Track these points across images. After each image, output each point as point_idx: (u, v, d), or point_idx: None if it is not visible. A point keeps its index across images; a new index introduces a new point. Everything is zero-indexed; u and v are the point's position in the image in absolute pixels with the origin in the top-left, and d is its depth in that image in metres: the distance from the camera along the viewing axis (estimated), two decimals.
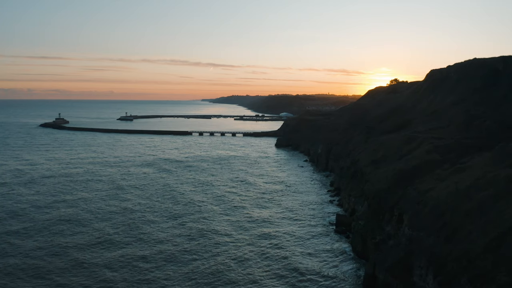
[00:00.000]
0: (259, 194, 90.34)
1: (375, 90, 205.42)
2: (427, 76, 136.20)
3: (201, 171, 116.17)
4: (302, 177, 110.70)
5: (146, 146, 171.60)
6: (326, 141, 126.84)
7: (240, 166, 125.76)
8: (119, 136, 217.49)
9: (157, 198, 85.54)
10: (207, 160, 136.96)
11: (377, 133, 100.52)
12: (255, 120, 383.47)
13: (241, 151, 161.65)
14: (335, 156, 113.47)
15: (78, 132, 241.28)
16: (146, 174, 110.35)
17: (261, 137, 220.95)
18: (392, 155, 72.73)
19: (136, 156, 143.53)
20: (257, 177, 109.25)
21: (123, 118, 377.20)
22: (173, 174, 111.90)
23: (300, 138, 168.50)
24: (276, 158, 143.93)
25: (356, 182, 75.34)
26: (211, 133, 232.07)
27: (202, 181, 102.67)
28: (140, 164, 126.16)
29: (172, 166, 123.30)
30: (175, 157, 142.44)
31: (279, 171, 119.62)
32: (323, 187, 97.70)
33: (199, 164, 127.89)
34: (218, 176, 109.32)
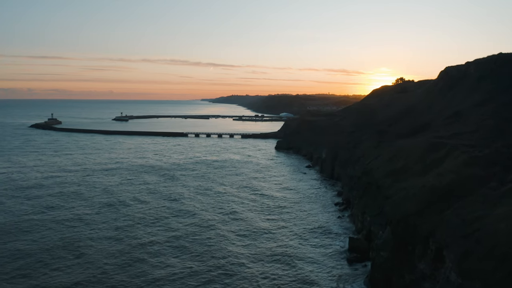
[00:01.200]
0: (257, 206, 78.54)
1: (381, 89, 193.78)
2: (441, 73, 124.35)
3: (189, 179, 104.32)
4: (305, 185, 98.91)
5: (135, 149, 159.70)
6: (331, 144, 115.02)
7: (236, 173, 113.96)
8: (109, 137, 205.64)
9: (140, 214, 73.75)
10: (199, 165, 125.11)
11: (390, 137, 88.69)
12: (254, 121, 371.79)
13: (238, 154, 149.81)
14: (342, 162, 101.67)
15: (68, 133, 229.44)
16: (121, 182, 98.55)
17: (260, 138, 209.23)
18: (415, 165, 60.91)
19: (121, 160, 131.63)
20: (254, 186, 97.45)
21: (118, 118, 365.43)
22: (152, 182, 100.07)
23: (302, 140, 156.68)
24: (276, 163, 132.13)
25: (371, 196, 63.51)
26: (208, 134, 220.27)
27: (187, 192, 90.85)
28: (119, 170, 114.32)
29: (155, 173, 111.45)
30: (163, 161, 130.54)
31: (280, 178, 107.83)
32: (330, 198, 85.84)
33: (188, 171, 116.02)
34: (208, 185, 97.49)
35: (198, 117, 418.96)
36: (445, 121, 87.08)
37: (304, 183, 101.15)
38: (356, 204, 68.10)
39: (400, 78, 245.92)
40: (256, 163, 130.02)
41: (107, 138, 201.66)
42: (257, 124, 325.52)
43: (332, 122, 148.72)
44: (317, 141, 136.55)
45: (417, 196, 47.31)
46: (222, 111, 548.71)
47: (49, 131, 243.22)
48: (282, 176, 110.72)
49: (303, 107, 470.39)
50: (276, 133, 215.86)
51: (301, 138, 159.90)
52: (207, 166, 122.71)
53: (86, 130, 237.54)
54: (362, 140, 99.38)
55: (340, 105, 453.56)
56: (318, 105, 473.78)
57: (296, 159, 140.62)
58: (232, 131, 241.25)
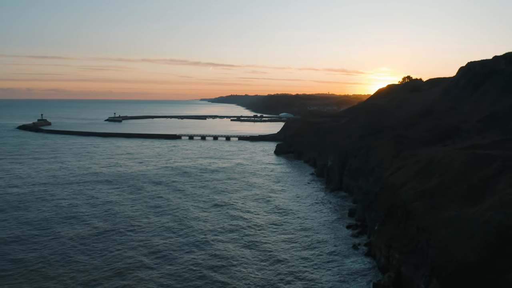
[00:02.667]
0: (251, 227, 64.64)
1: (388, 88, 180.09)
2: (462, 70, 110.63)
3: (171, 191, 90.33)
4: (310, 199, 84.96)
5: (118, 155, 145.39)
6: (338, 150, 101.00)
7: (229, 182, 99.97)
8: (97, 140, 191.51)
9: (116, 231, 59.80)
10: (188, 172, 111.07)
11: (411, 144, 74.76)
12: (253, 121, 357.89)
13: (233, 160, 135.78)
14: (352, 171, 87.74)
15: (54, 135, 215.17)
16: (95, 194, 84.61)
17: (258, 141, 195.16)
18: (456, 185, 46.99)
19: (94, 169, 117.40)
20: (249, 200, 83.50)
21: (111, 119, 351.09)
22: (124, 195, 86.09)
23: (304, 144, 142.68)
24: (275, 170, 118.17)
25: (398, 224, 49.56)
26: (203, 136, 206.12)
27: (168, 207, 76.88)
28: (86, 182, 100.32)
29: (133, 183, 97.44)
30: (143, 169, 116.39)
31: (279, 189, 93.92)
32: (340, 218, 71.74)
33: (172, 180, 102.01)
34: (193, 200, 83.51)
35: (195, 118, 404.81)
36: (477, 125, 73.30)
37: (308, 197, 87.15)
38: (377, 231, 54.05)
39: (407, 77, 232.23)
40: (252, 172, 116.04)
41: (92, 141, 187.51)
42: (256, 125, 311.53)
43: (337, 124, 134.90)
44: (321, 145, 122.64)
45: (477, 237, 33.39)
46: (220, 111, 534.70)
47: (34, 132, 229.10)
48: (281, 187, 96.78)
49: (303, 107, 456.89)
50: (276, 135, 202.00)
51: (303, 141, 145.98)
52: (194, 177, 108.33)
53: (72, 132, 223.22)
54: (375, 146, 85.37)
55: (341, 105, 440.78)
56: (319, 105, 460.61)
57: (297, 166, 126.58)
58: (229, 132, 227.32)
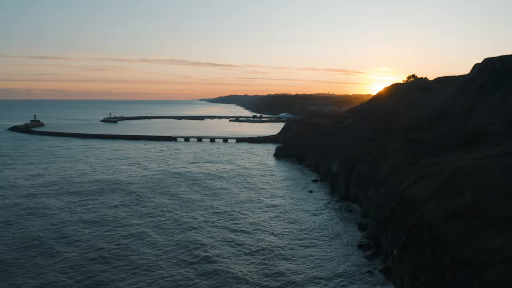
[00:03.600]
0: (246, 246, 55.81)
1: (395, 87, 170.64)
2: (478, 67, 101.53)
3: (154, 200, 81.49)
4: (313, 209, 76.06)
5: (107, 158, 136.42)
6: (343, 154, 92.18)
7: (223, 191, 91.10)
8: (88, 142, 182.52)
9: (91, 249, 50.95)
10: (178, 179, 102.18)
11: (430, 149, 65.83)
12: (252, 122, 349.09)
13: (231, 164, 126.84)
14: (360, 179, 78.87)
15: (44, 137, 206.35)
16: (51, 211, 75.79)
17: (257, 143, 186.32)
18: (498, 204, 38.14)
19: (78, 175, 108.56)
20: (245, 210, 74.63)
21: (107, 119, 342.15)
22: (90, 220, 77.26)
23: (305, 147, 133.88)
24: (275, 176, 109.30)
25: (425, 251, 40.68)
26: (199, 138, 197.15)
27: (140, 229, 68.04)
28: (66, 193, 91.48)
29: (115, 192, 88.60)
30: (131, 175, 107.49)
31: (279, 198, 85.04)
32: (349, 234, 62.83)
33: (158, 187, 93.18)
34: (178, 216, 74.65)
35: (193, 118, 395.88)
36: (505, 128, 64.41)
37: (311, 207, 78.24)
38: (397, 256, 45.17)
39: (412, 75, 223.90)
40: (250, 177, 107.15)
41: (85, 143, 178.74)
42: (255, 126, 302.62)
43: (341, 126, 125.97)
44: (324, 149, 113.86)
45: None
46: (218, 112, 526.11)
47: (24, 134, 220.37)
48: (281, 195, 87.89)
49: (303, 107, 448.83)
50: (275, 136, 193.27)
51: (304, 143, 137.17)
52: (185, 183, 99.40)
53: (63, 134, 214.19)
54: (387, 151, 76.55)
55: (341, 105, 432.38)
56: (319, 105, 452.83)
57: (299, 171, 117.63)
58: (227, 134, 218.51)
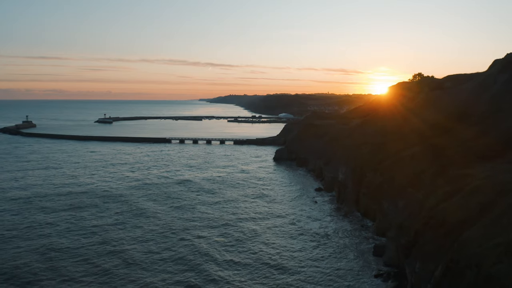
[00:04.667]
0: (242, 265, 46.10)
1: (403, 86, 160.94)
2: (499, 63, 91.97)
3: (134, 213, 71.70)
4: (319, 225, 66.28)
5: (95, 162, 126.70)
6: (351, 160, 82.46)
7: (215, 200, 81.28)
8: (77, 144, 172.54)
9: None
10: (166, 187, 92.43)
11: (456, 157, 56.06)
12: (251, 122, 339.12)
13: (226, 169, 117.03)
14: (373, 190, 69.07)
15: (33, 139, 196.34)
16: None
17: (256, 145, 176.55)
18: None
19: (55, 183, 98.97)
20: (241, 222, 64.86)
21: (101, 120, 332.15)
22: (61, 222, 67.49)
23: (307, 150, 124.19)
24: (275, 183, 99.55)
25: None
26: (195, 140, 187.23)
27: (113, 248, 58.27)
28: (50, 199, 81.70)
29: (93, 201, 78.85)
30: (109, 181, 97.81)
31: (279, 210, 75.24)
32: (364, 260, 52.84)
33: (141, 197, 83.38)
34: (162, 232, 64.88)
35: (190, 118, 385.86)
36: None
37: (316, 223, 68.47)
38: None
39: (418, 74, 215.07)
40: (247, 185, 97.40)
41: (70, 146, 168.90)
42: (254, 127, 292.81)
43: (347, 128, 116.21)
44: (328, 153, 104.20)
45: None
46: (217, 112, 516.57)
47: (13, 136, 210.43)
48: (282, 207, 78.12)
49: (303, 107, 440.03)
50: (275, 138, 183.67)
51: (306, 146, 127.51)
52: (172, 193, 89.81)
53: (53, 135, 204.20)
54: (403, 158, 66.81)
55: (342, 105, 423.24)
56: (319, 105, 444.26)
57: (300, 177, 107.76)
58: (224, 135, 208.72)
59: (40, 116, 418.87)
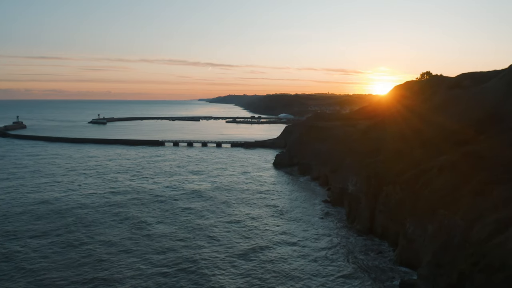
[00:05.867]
0: None
1: (413, 85, 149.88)
2: None
3: (112, 230, 60.70)
4: (327, 253, 55.15)
5: (76, 169, 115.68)
6: (363, 168, 71.23)
7: (206, 213, 70.18)
8: (65, 147, 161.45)
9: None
10: (151, 197, 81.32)
11: (501, 169, 44.94)
12: (250, 123, 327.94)
13: (221, 176, 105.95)
14: (392, 208, 57.91)
15: (19, 141, 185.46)
16: None
17: (254, 148, 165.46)
18: None
19: (43, 187, 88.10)
20: (233, 241, 53.79)
21: (95, 121, 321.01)
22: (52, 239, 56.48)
23: (311, 155, 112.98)
24: (275, 193, 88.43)
25: None
26: (189, 142, 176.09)
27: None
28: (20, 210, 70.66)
29: (63, 217, 67.83)
30: (87, 190, 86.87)
31: (280, 226, 64.16)
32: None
33: (121, 210, 72.29)
34: (147, 251, 53.82)
35: (188, 119, 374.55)
36: None
37: (324, 243, 57.43)
38: None
39: (427, 72, 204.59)
40: (242, 196, 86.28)
41: (60, 148, 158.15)
42: (253, 128, 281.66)
43: (354, 130, 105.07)
44: (335, 159, 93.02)
45: None
46: (215, 112, 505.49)
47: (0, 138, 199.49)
48: (283, 223, 67.02)
49: (303, 107, 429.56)
50: (275, 140, 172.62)
51: (309, 151, 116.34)
52: (157, 204, 78.78)
53: (41, 137, 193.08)
54: (429, 170, 55.60)
55: (343, 105, 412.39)
56: (320, 105, 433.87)
57: (304, 186, 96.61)
58: (221, 137, 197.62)
59: (34, 116, 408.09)
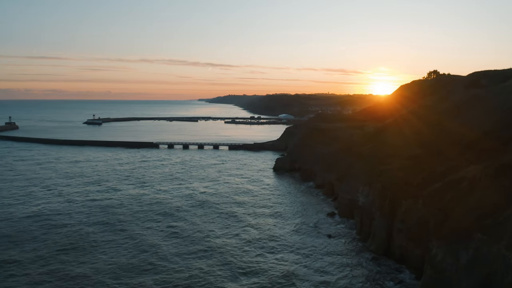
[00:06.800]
0: None
1: (422, 84, 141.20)
2: None
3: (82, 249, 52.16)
4: (337, 280, 46.56)
5: (56, 175, 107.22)
6: (375, 178, 62.48)
7: (195, 227, 61.60)
8: (53, 149, 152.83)
9: None
10: (134, 207, 72.74)
11: None
12: (249, 124, 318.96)
13: (216, 182, 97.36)
14: (413, 227, 49.22)
15: (8, 142, 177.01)
16: None
17: (253, 151, 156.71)
18: None
19: (20, 196, 79.60)
20: (226, 262, 45.26)
21: (90, 121, 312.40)
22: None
23: (314, 160, 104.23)
24: (275, 203, 79.78)
25: None
26: (185, 145, 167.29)
27: None
28: None
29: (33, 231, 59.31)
30: (64, 198, 78.31)
31: (279, 248, 55.57)
32: None
33: (94, 224, 63.74)
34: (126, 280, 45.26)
35: (185, 120, 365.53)
36: None
37: (333, 268, 48.82)
38: None
39: (434, 71, 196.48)
40: (239, 204, 77.67)
41: (47, 150, 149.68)
42: (252, 128, 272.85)
43: (363, 134, 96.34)
44: (342, 165, 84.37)
45: None
46: (214, 112, 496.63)
47: None
48: (284, 242, 58.41)
49: (304, 108, 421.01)
50: (275, 142, 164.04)
51: (312, 155, 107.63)
52: (141, 218, 70.19)
53: (31, 139, 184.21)
54: (458, 182, 46.97)
55: (345, 105, 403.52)
56: (321, 105, 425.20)
57: (307, 194, 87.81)
58: (219, 139, 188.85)
59: (29, 116, 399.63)
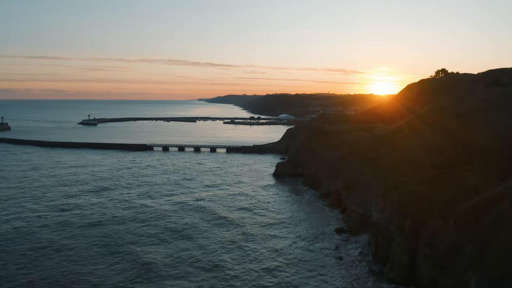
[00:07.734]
0: None
1: (428, 83, 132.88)
2: None
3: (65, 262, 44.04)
4: None
5: (44, 180, 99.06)
6: (392, 191, 54.17)
7: (186, 243, 53.41)
8: (42, 151, 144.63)
9: None
10: (120, 216, 64.56)
11: None
12: (249, 124, 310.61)
13: (211, 189, 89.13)
14: (442, 253, 40.92)
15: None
16: None
17: (252, 154, 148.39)
18: None
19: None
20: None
21: (85, 122, 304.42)
22: None
23: (318, 165, 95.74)
24: (275, 214, 71.48)
25: None
26: (181, 147, 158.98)
27: None
28: None
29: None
30: (34, 210, 70.17)
31: (280, 275, 47.40)
32: None
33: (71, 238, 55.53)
34: None
35: (184, 120, 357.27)
36: None
37: None
38: None
39: (442, 70, 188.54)
40: (236, 215, 69.32)
41: (39, 152, 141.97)
42: (252, 129, 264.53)
43: (372, 137, 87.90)
44: (350, 172, 76.11)
45: None
46: (214, 113, 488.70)
47: None
48: (287, 267, 50.15)
49: (304, 108, 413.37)
50: (275, 145, 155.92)
51: (316, 160, 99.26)
52: (126, 231, 62.01)
53: (20, 141, 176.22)
54: (497, 200, 38.67)
55: (346, 105, 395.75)
56: (322, 105, 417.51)
57: (311, 206, 79.21)
58: (216, 141, 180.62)
59: (27, 117, 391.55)
